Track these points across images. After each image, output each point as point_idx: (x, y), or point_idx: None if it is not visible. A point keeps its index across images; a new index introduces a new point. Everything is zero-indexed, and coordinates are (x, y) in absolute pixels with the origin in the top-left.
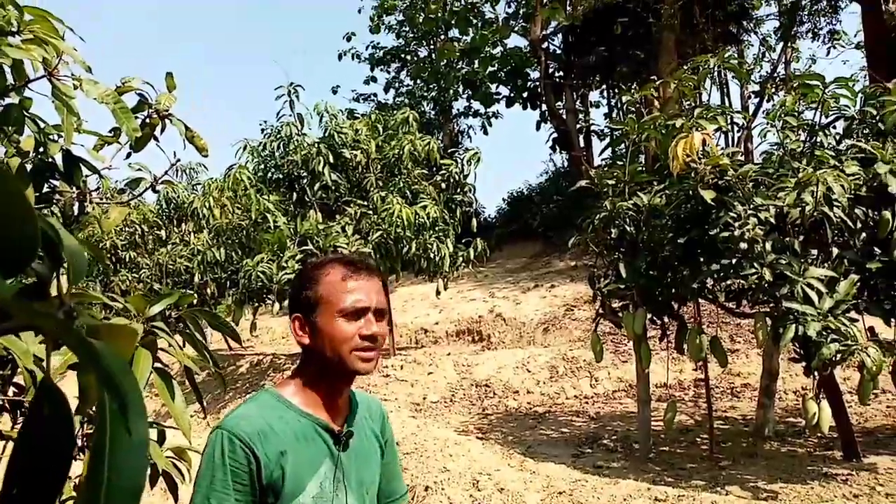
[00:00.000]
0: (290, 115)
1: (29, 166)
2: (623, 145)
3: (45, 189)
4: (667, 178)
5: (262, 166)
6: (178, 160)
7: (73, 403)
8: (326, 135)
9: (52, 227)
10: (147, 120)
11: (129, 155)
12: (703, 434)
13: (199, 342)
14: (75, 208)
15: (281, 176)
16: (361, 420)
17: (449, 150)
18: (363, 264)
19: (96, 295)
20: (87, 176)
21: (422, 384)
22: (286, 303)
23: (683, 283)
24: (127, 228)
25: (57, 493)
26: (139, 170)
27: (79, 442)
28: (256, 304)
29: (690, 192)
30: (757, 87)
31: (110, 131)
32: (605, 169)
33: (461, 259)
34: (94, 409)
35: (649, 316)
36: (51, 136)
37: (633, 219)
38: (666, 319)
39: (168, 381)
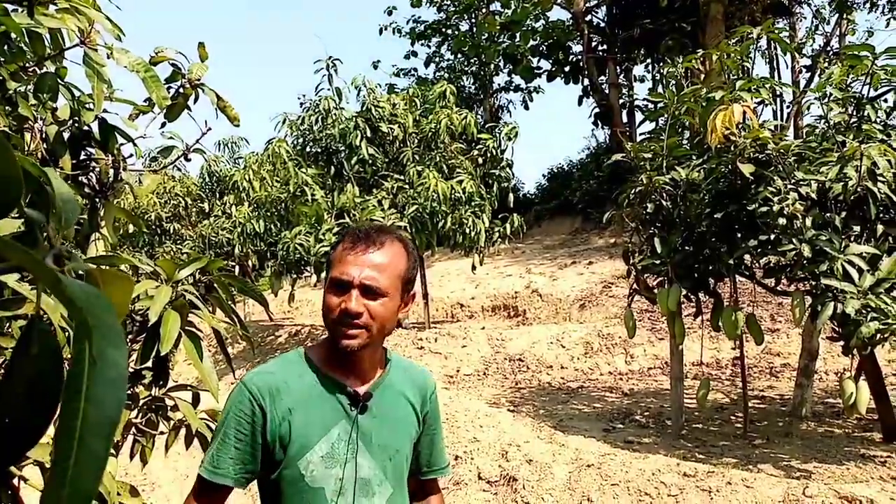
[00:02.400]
0: (329, 89)
1: (66, 134)
2: (663, 119)
3: (82, 157)
4: (706, 152)
5: (301, 140)
6: (210, 129)
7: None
8: (364, 109)
9: (43, 173)
10: (180, 90)
11: (163, 124)
12: (738, 412)
13: (227, 306)
14: (110, 175)
15: (319, 150)
16: (393, 386)
17: (488, 126)
18: (369, 237)
19: (126, 258)
20: (121, 144)
21: (455, 357)
22: (323, 275)
23: (720, 259)
24: (171, 201)
25: (45, 427)
26: (171, 138)
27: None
28: (295, 276)
29: (729, 166)
30: (808, 62)
31: (145, 101)
32: (643, 143)
33: (497, 234)
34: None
35: (684, 292)
36: (86, 105)
37: (669, 194)
38: (702, 296)
39: (197, 343)
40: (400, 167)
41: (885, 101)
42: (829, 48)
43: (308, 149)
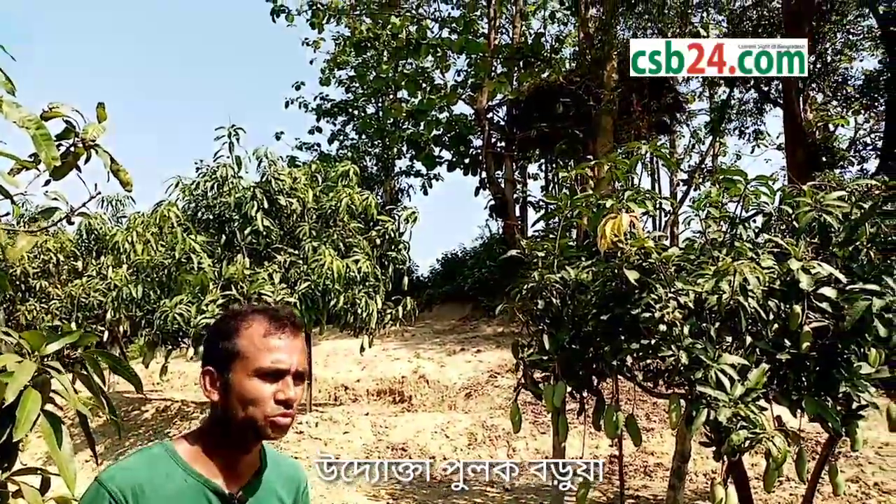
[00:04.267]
0: (228, 157)
1: None
2: (556, 219)
3: None
4: (594, 255)
5: (193, 205)
6: (99, 192)
7: None
8: (263, 180)
9: None
10: (72, 149)
11: (47, 182)
12: None
13: (95, 385)
14: None
15: (211, 217)
16: (267, 485)
17: (388, 207)
18: (289, 321)
19: None
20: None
21: (336, 443)
22: (201, 348)
23: (604, 360)
24: (41, 256)
25: None
26: (55, 199)
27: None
28: (170, 347)
29: (616, 271)
30: (685, 176)
31: (30, 156)
32: (537, 240)
33: (389, 316)
34: None
35: (569, 389)
36: None
37: (559, 292)
38: (585, 394)
39: (57, 426)
40: (295, 241)
41: (755, 221)
42: (703, 166)
43: (200, 215)
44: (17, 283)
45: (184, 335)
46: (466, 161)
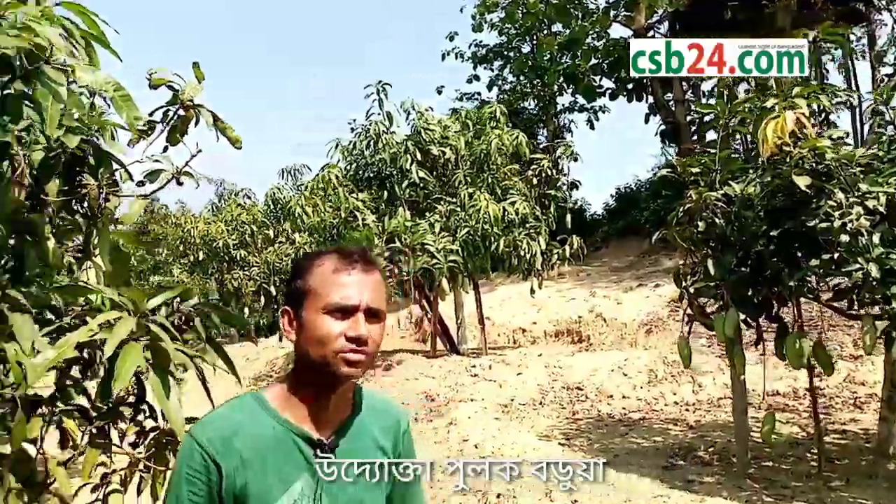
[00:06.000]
0: (379, 114)
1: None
2: (716, 130)
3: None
4: (761, 166)
5: (354, 165)
6: (200, 151)
7: None
8: (414, 132)
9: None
10: (179, 112)
11: (165, 148)
12: (814, 449)
13: (209, 337)
14: (100, 202)
15: (371, 174)
16: (363, 430)
17: (544, 146)
18: (360, 256)
19: (87, 288)
20: (116, 169)
21: (511, 385)
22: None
23: (780, 281)
24: (238, 228)
25: None
26: (157, 161)
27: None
28: None
29: (784, 179)
30: (891, 70)
31: (145, 124)
32: (692, 157)
33: (556, 257)
34: None
35: (742, 317)
36: (74, 129)
37: (722, 210)
38: (763, 321)
39: (164, 378)
40: (452, 190)
41: None
42: None
43: (360, 174)
44: (222, 254)
45: None
46: (630, 87)
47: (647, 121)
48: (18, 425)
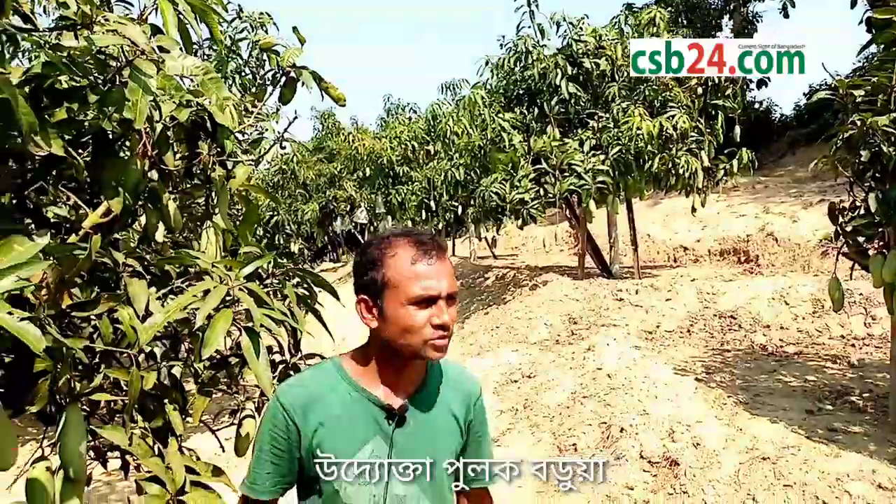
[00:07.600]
0: (530, 26)
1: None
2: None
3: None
4: None
5: (504, 82)
6: (297, 116)
7: None
8: (565, 44)
9: None
10: (286, 75)
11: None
12: None
13: (302, 297)
14: (214, 168)
15: (521, 91)
16: (433, 396)
17: None
18: (432, 244)
19: (185, 257)
20: (227, 136)
21: (658, 311)
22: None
23: None
24: (401, 145)
25: None
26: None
27: None
28: (495, 222)
29: None
30: None
31: (257, 88)
32: (858, 76)
33: (723, 172)
34: None
35: None
36: (186, 101)
37: (891, 138)
38: None
39: (255, 339)
40: (605, 105)
41: None
42: None
43: (510, 93)
44: (386, 170)
45: (502, 210)
46: None
47: (853, 5)
48: (199, 400)
